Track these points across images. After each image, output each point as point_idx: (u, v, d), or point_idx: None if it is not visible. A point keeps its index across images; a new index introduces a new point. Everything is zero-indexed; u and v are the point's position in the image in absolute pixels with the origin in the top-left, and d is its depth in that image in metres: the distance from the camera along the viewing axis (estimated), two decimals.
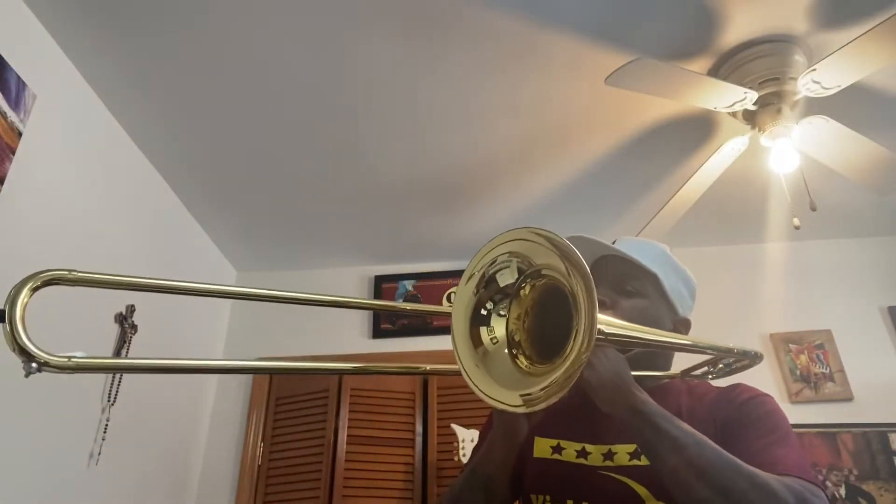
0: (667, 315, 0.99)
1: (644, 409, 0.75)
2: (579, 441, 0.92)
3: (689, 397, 0.94)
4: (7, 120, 1.75)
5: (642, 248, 1.01)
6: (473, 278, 0.72)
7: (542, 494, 0.92)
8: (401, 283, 3.24)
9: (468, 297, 0.72)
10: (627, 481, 0.85)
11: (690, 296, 1.04)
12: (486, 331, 0.70)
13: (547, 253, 0.65)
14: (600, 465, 0.88)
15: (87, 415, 2.09)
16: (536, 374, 0.65)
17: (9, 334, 0.43)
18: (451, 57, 2.05)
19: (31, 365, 0.44)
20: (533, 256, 0.67)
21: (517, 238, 0.68)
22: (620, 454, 0.87)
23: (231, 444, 2.92)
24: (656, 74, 1.88)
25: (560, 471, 0.92)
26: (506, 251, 0.69)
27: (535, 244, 0.66)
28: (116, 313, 2.26)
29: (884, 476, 2.56)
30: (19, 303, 0.45)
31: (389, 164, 2.58)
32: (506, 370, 0.68)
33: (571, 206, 2.84)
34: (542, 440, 0.96)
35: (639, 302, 0.96)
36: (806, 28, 1.95)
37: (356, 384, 2.88)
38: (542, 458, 0.95)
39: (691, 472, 0.70)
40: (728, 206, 2.83)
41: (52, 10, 1.86)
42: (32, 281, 0.48)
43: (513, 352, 0.68)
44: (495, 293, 0.70)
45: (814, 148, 2.13)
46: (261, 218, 2.95)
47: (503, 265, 0.69)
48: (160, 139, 2.41)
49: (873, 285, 3.00)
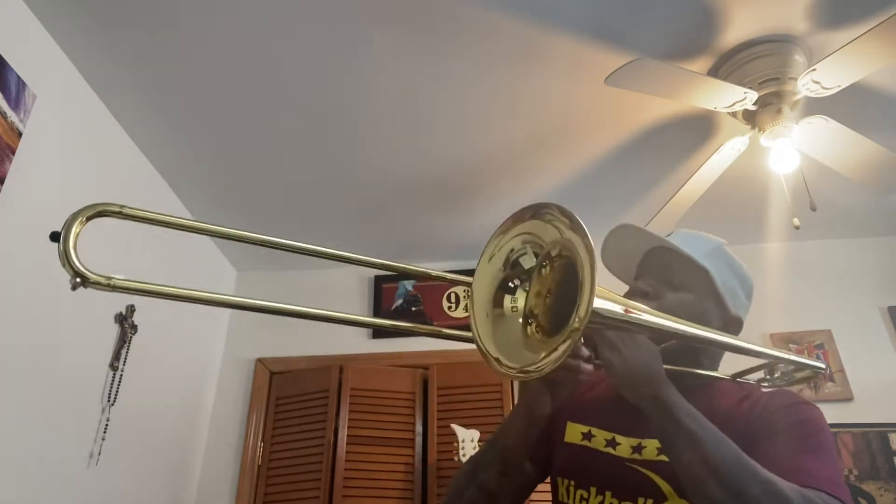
0: (716, 312, 0.95)
1: (665, 400, 0.74)
2: (610, 431, 0.92)
3: (733, 398, 0.91)
4: (7, 120, 1.75)
5: (696, 242, 0.97)
6: (496, 258, 0.73)
7: (568, 479, 0.92)
8: (401, 283, 3.24)
9: (494, 272, 0.73)
10: (652, 476, 0.84)
11: (746, 295, 0.99)
12: (509, 298, 0.72)
13: (552, 230, 0.68)
14: (628, 456, 0.88)
15: (87, 415, 2.09)
16: (538, 346, 0.67)
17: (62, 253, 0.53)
18: (450, 57, 2.05)
19: (76, 280, 0.53)
20: (543, 235, 0.70)
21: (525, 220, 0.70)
22: (649, 448, 0.86)
23: (231, 444, 2.92)
24: (656, 74, 1.88)
25: (587, 458, 0.91)
26: (518, 235, 0.71)
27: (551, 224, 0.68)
28: (116, 313, 2.26)
29: (884, 476, 2.56)
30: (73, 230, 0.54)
31: (389, 164, 2.58)
32: (512, 333, 0.70)
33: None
34: (573, 425, 0.96)
35: (685, 296, 0.93)
36: (806, 28, 1.95)
37: (356, 384, 2.88)
38: (572, 443, 0.95)
39: (705, 469, 0.69)
40: (728, 207, 2.83)
41: (52, 10, 1.86)
42: (87, 211, 0.57)
43: (528, 321, 0.70)
44: (522, 273, 0.72)
45: (814, 148, 2.13)
46: (261, 218, 2.95)
47: (521, 251, 0.72)
48: (160, 139, 2.41)
49: (873, 285, 3.00)
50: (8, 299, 1.76)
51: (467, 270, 3.88)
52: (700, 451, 0.70)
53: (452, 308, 3.17)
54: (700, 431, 0.72)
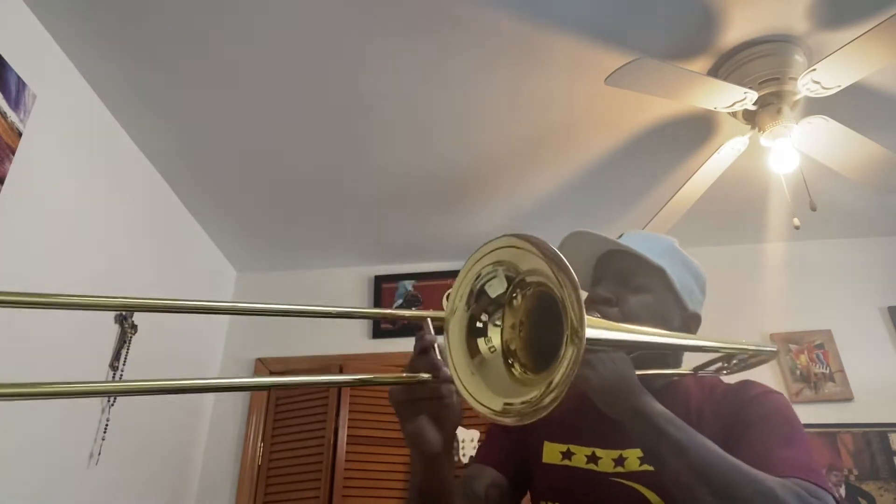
0: (675, 310, 0.96)
1: (646, 410, 0.73)
2: (589, 445, 0.90)
3: (698, 395, 0.92)
4: (7, 120, 1.75)
5: (649, 242, 0.98)
6: (462, 295, 0.69)
7: (553, 502, 0.90)
8: (401, 283, 3.24)
9: (461, 312, 0.69)
10: (638, 488, 0.83)
11: (700, 290, 1.01)
12: (483, 341, 0.68)
13: (533, 259, 0.62)
14: (611, 471, 0.86)
15: (87, 415, 2.09)
16: (528, 383, 0.63)
17: None
18: (451, 57, 2.05)
19: None
20: (519, 263, 0.64)
21: (501, 247, 0.64)
22: (631, 459, 0.85)
23: (231, 444, 2.91)
24: (656, 74, 1.88)
25: (570, 478, 0.89)
26: (490, 262, 0.66)
27: (520, 251, 0.63)
28: (116, 313, 2.26)
29: (884, 476, 2.56)
30: None
31: (390, 164, 2.58)
32: (500, 377, 0.66)
33: (571, 205, 2.84)
34: (551, 445, 0.93)
35: (645, 298, 0.93)
36: (806, 28, 1.95)
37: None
38: (551, 463, 0.92)
39: (693, 476, 0.68)
40: (728, 206, 2.83)
41: (52, 10, 1.86)
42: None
43: (508, 361, 0.66)
44: (488, 305, 0.68)
45: (814, 148, 2.13)
46: (261, 218, 2.95)
47: (490, 276, 0.67)
48: (160, 139, 2.41)
49: (873, 285, 3.00)
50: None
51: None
52: (686, 459, 0.69)
53: None
54: (683, 439, 0.71)
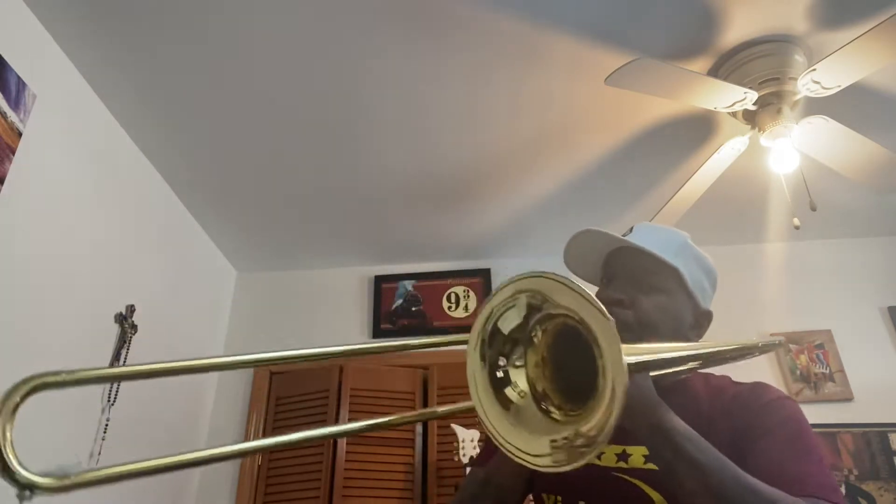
0: (688, 309, 0.94)
1: (664, 426, 0.70)
2: None
3: (708, 396, 0.90)
4: (7, 120, 1.75)
5: (662, 239, 0.95)
6: (476, 346, 0.67)
7: (554, 495, 0.90)
8: (401, 283, 3.24)
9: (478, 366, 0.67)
10: (641, 485, 0.82)
11: (711, 286, 0.99)
12: (510, 389, 0.66)
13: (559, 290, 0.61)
14: (613, 465, 0.85)
15: (87, 415, 2.09)
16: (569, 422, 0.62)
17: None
18: (450, 57, 2.05)
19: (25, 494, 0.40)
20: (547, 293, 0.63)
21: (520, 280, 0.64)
22: (635, 456, 0.84)
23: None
24: (656, 74, 1.88)
25: (573, 471, 0.89)
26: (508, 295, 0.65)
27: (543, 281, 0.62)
28: (116, 313, 2.26)
29: (884, 476, 2.56)
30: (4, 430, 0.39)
31: (390, 164, 2.58)
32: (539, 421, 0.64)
33: (571, 206, 2.84)
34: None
35: (659, 298, 0.91)
36: (806, 28, 1.95)
37: (356, 384, 2.88)
38: None
39: (709, 497, 0.67)
40: (728, 206, 2.83)
41: (52, 10, 1.86)
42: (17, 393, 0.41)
43: (542, 405, 0.65)
44: (503, 345, 0.67)
45: (814, 148, 2.13)
46: (261, 218, 2.95)
47: (506, 307, 0.66)
48: (160, 139, 2.41)
49: (873, 285, 3.00)
50: (7, 299, 1.76)
51: (468, 270, 3.84)
52: (703, 479, 0.68)
53: (452, 308, 3.17)
54: (703, 459, 0.69)
